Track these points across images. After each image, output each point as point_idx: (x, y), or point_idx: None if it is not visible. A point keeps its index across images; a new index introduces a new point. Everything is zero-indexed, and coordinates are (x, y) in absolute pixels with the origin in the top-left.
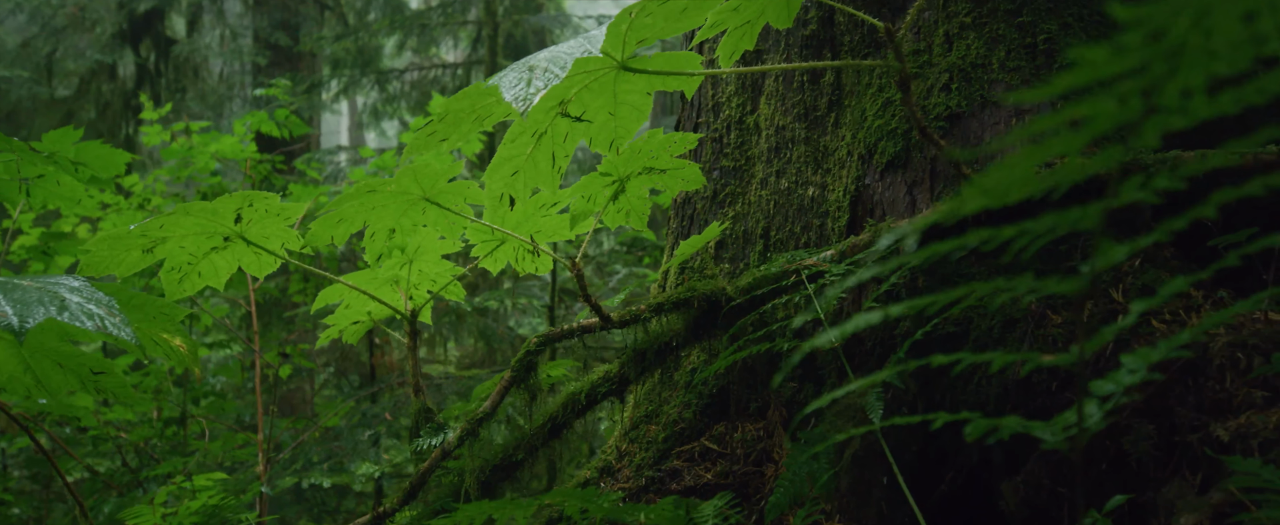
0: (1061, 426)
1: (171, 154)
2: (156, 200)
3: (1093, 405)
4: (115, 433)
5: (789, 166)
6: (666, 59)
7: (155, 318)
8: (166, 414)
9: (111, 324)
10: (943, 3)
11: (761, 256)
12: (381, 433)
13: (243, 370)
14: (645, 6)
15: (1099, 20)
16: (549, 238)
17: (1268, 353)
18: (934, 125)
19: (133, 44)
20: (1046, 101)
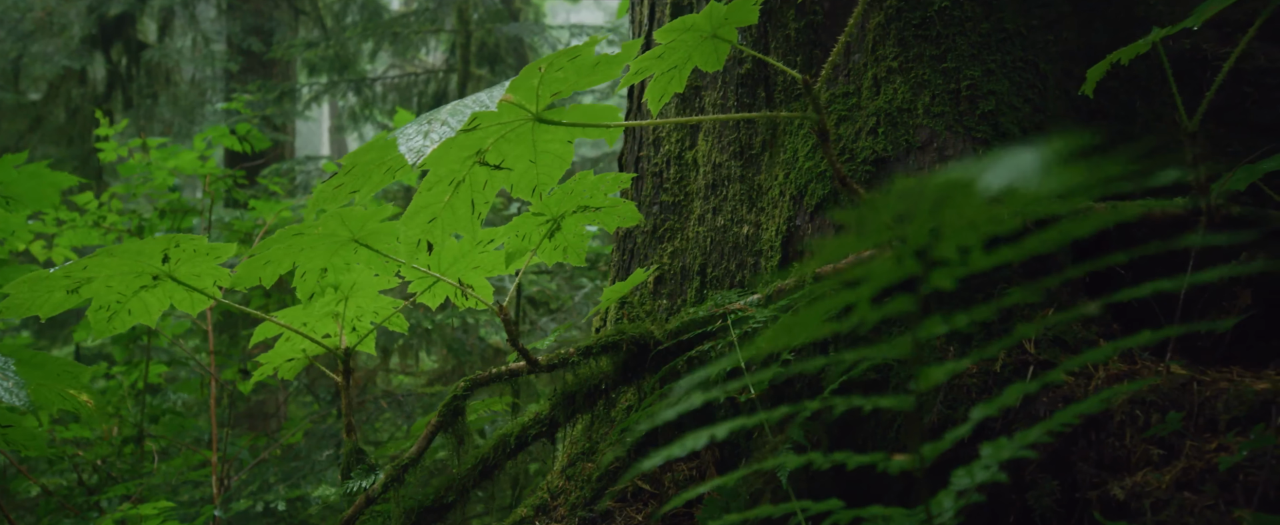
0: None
1: (129, 170)
2: (112, 217)
3: (948, 499)
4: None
5: (725, 204)
6: (584, 111)
7: (58, 376)
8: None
9: (3, 389)
10: (872, 46)
11: (699, 293)
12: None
13: (201, 388)
14: (555, 62)
15: (1022, 65)
16: (487, 273)
17: (1165, 409)
18: (861, 169)
19: (103, 48)
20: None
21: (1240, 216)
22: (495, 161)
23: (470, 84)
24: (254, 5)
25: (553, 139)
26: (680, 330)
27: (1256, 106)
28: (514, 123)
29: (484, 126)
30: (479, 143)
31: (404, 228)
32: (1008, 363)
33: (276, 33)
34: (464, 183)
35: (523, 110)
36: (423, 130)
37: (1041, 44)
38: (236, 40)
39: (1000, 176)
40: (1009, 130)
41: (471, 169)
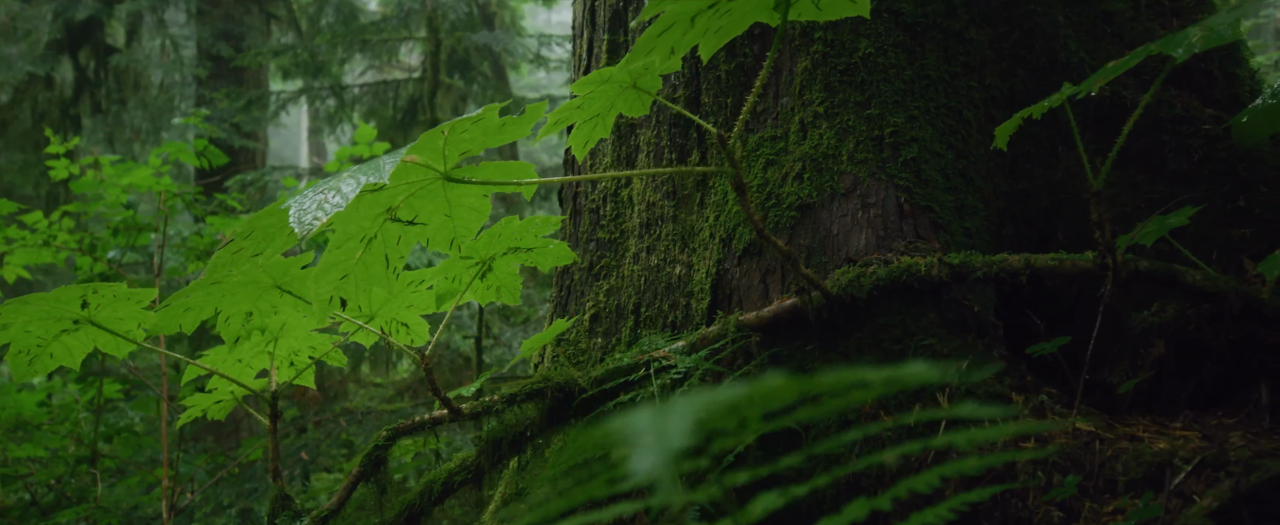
0: None
1: (82, 187)
2: (63, 236)
3: None
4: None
5: (659, 243)
6: (495, 169)
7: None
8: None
9: None
10: (799, 90)
11: (633, 333)
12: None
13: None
14: (458, 126)
15: (945, 111)
16: (423, 311)
17: (1067, 471)
18: (786, 215)
19: (71, 52)
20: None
21: (1147, 272)
22: (408, 217)
23: (440, 92)
24: (224, 10)
25: (467, 193)
26: (604, 378)
27: (1173, 154)
28: (422, 182)
29: (392, 186)
30: (389, 200)
31: (314, 285)
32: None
33: (247, 38)
34: (376, 239)
35: (431, 170)
36: (317, 201)
37: (964, 90)
38: (205, 45)
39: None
40: (931, 177)
41: (383, 225)
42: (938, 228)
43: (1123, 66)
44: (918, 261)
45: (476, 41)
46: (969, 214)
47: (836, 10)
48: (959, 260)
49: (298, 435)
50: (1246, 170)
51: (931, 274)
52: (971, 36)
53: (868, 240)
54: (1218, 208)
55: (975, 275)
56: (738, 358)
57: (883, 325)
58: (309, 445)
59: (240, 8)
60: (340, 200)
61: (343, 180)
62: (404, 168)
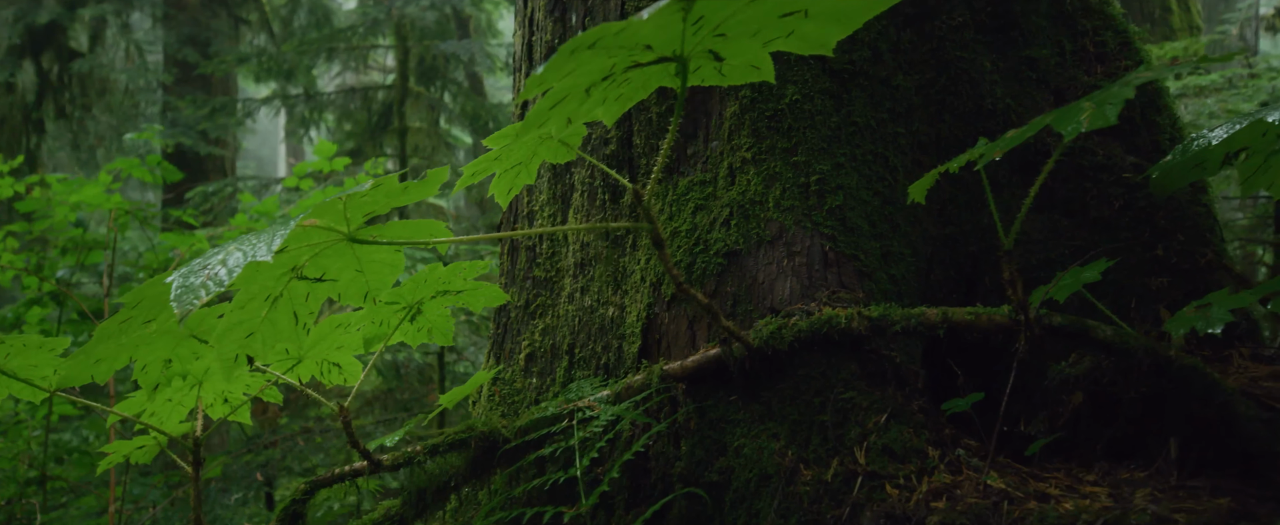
0: None
1: (28, 206)
2: (7, 257)
3: None
4: None
5: (592, 284)
6: (403, 228)
7: None
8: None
9: None
10: (728, 134)
11: (567, 373)
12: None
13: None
14: (358, 195)
15: (872, 158)
16: (354, 351)
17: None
18: (714, 262)
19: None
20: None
21: (1060, 327)
22: (315, 275)
23: (409, 100)
24: (190, 15)
25: (378, 249)
26: (528, 428)
27: (1095, 201)
28: (326, 243)
29: (294, 247)
30: (293, 260)
31: (218, 345)
32: (840, 472)
33: (214, 43)
34: (282, 297)
35: (334, 231)
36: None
37: (891, 136)
38: (171, 51)
39: None
40: (857, 224)
41: (289, 284)
42: (862, 276)
43: (1020, 137)
44: (838, 314)
45: (445, 50)
46: (895, 261)
47: (740, 76)
48: (878, 313)
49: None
50: (1165, 219)
51: (851, 327)
52: (898, 83)
53: (793, 289)
54: (1137, 256)
55: (894, 328)
56: (665, 406)
57: (804, 377)
58: (269, 464)
59: (207, 12)
60: (225, 276)
61: (230, 253)
62: (305, 231)
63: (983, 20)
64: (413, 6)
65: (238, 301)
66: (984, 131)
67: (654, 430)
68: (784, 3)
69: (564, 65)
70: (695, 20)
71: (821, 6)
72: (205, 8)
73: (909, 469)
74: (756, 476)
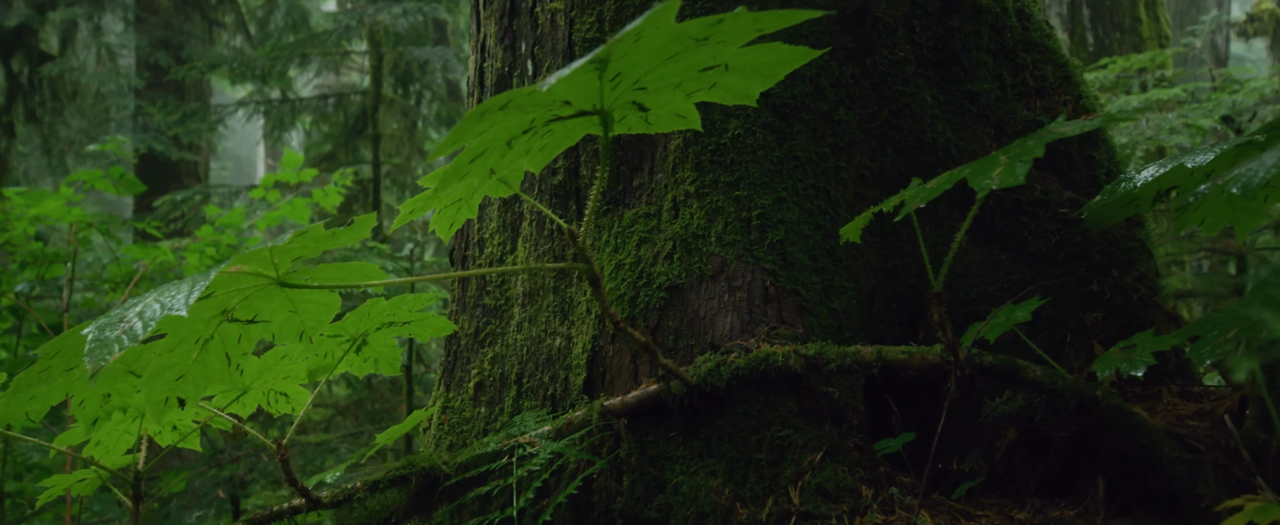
0: None
1: None
2: None
3: None
4: None
5: (540, 313)
6: (335, 272)
7: None
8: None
9: None
10: (672, 167)
11: (515, 403)
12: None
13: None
14: (284, 245)
15: (813, 192)
16: (301, 381)
17: None
18: (656, 295)
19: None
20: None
21: (991, 366)
22: (247, 317)
23: (383, 106)
24: (163, 18)
25: (313, 288)
26: (468, 464)
27: (1033, 236)
28: (254, 288)
29: (223, 292)
30: (222, 304)
31: (147, 389)
32: (774, 512)
33: (187, 46)
34: (213, 340)
35: (262, 276)
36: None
37: (833, 170)
38: (144, 54)
39: None
40: (798, 259)
41: (220, 327)
42: (802, 311)
43: (940, 188)
44: (776, 351)
45: (419, 56)
46: (836, 294)
47: (667, 124)
48: (814, 351)
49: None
50: (1100, 254)
51: (788, 365)
52: (840, 117)
53: (733, 324)
54: (1073, 291)
55: (829, 367)
56: (607, 442)
57: (743, 414)
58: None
59: (180, 15)
60: (140, 329)
61: (148, 305)
62: (231, 277)
63: (925, 55)
64: (385, 14)
65: (166, 344)
66: (926, 164)
67: (590, 471)
68: (703, 58)
69: (474, 127)
70: (612, 77)
71: (741, 61)
72: (178, 11)
73: (842, 509)
74: (694, 514)
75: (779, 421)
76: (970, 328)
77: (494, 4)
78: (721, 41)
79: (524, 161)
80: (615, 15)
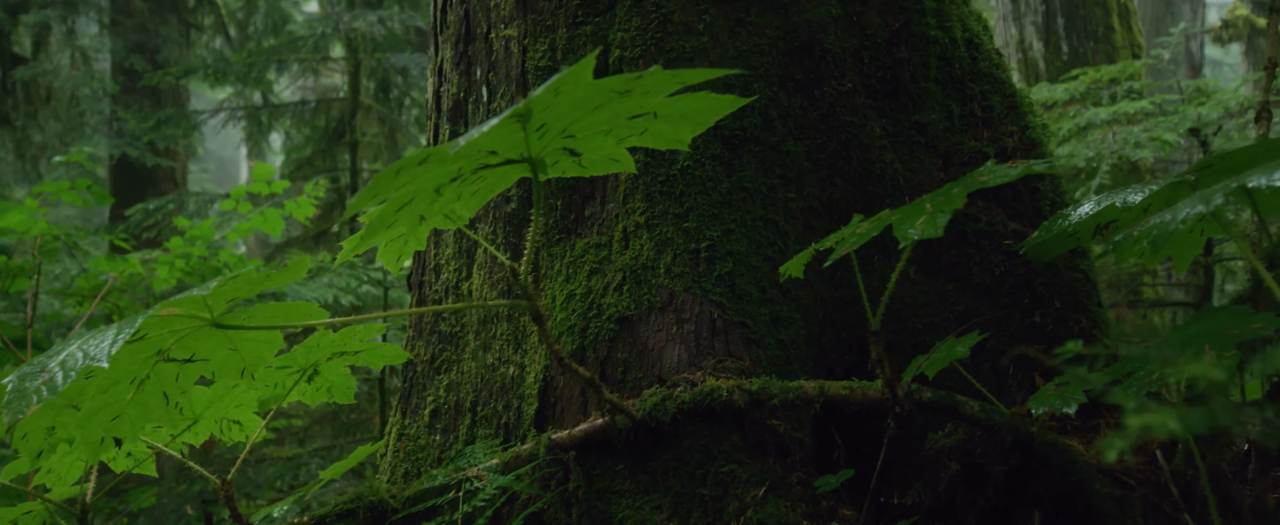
0: None
1: None
2: None
3: None
4: None
5: (494, 342)
6: (273, 312)
7: None
8: None
9: None
10: (623, 197)
11: (470, 431)
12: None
13: None
14: (223, 282)
15: (762, 224)
16: (252, 408)
17: None
18: (606, 327)
19: None
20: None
21: (930, 402)
22: (184, 356)
23: (361, 113)
24: (138, 21)
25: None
26: (417, 498)
27: (978, 267)
28: (189, 329)
29: (156, 334)
30: (157, 345)
31: (82, 431)
32: None
33: (162, 50)
34: (150, 379)
35: (197, 318)
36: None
37: (782, 201)
38: (119, 58)
39: None
40: (746, 291)
41: (156, 366)
42: (750, 343)
43: (867, 235)
44: (721, 386)
45: (397, 63)
46: (785, 325)
47: (601, 168)
48: (757, 387)
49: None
50: (1043, 285)
51: (732, 400)
52: (789, 149)
53: (681, 357)
54: (1016, 322)
55: (772, 402)
56: (557, 474)
57: (688, 448)
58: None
59: (156, 18)
60: (62, 380)
61: (70, 354)
62: (165, 320)
63: (873, 86)
64: (361, 21)
65: (100, 385)
66: (874, 195)
67: (535, 506)
68: (630, 107)
69: (391, 183)
70: (537, 128)
71: (669, 110)
72: (154, 14)
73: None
74: None
75: (723, 456)
76: (912, 362)
77: (450, 29)
78: (645, 93)
79: (457, 206)
80: (567, 44)
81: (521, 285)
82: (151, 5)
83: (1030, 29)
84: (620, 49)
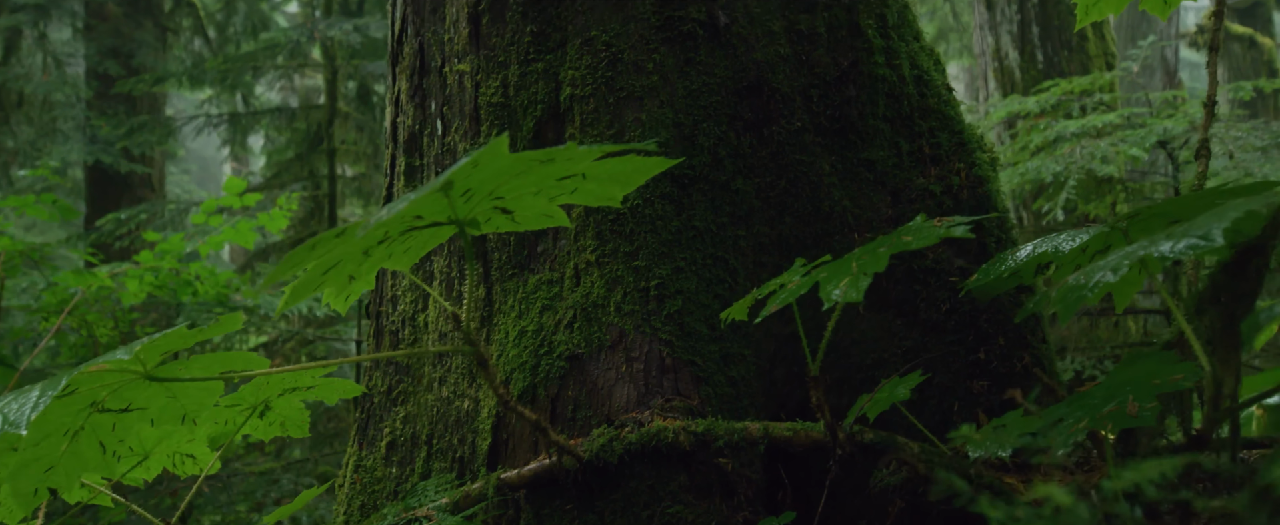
0: None
1: None
2: None
3: None
4: None
5: (449, 375)
6: (209, 363)
7: None
8: None
9: None
10: (575, 234)
11: (426, 465)
12: None
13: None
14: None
15: (711, 262)
16: (204, 442)
17: None
18: (557, 364)
19: None
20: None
21: (872, 443)
22: (120, 407)
23: (338, 121)
24: (113, 25)
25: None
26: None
27: (925, 304)
28: (122, 383)
29: (87, 388)
30: (90, 397)
31: (13, 483)
32: None
33: (137, 55)
34: (84, 430)
35: (130, 372)
36: None
37: (731, 239)
38: (93, 63)
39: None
40: (695, 329)
41: (90, 418)
42: (699, 381)
43: (798, 291)
44: (667, 427)
45: (375, 71)
46: (735, 362)
47: (534, 223)
48: (703, 428)
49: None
50: (987, 322)
51: (678, 441)
52: (738, 187)
53: (630, 396)
54: (961, 359)
55: (718, 443)
56: (506, 514)
57: (635, 489)
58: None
59: (131, 23)
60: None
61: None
62: (95, 375)
63: (822, 123)
64: (337, 29)
65: (31, 439)
66: (824, 232)
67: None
68: (558, 171)
69: (308, 256)
70: (463, 193)
71: (598, 171)
72: (128, 18)
73: None
74: None
75: (670, 497)
76: (857, 402)
77: (405, 60)
78: (569, 160)
79: (388, 263)
80: (519, 81)
81: (464, 331)
82: (126, 9)
83: (1006, 37)
84: (571, 86)
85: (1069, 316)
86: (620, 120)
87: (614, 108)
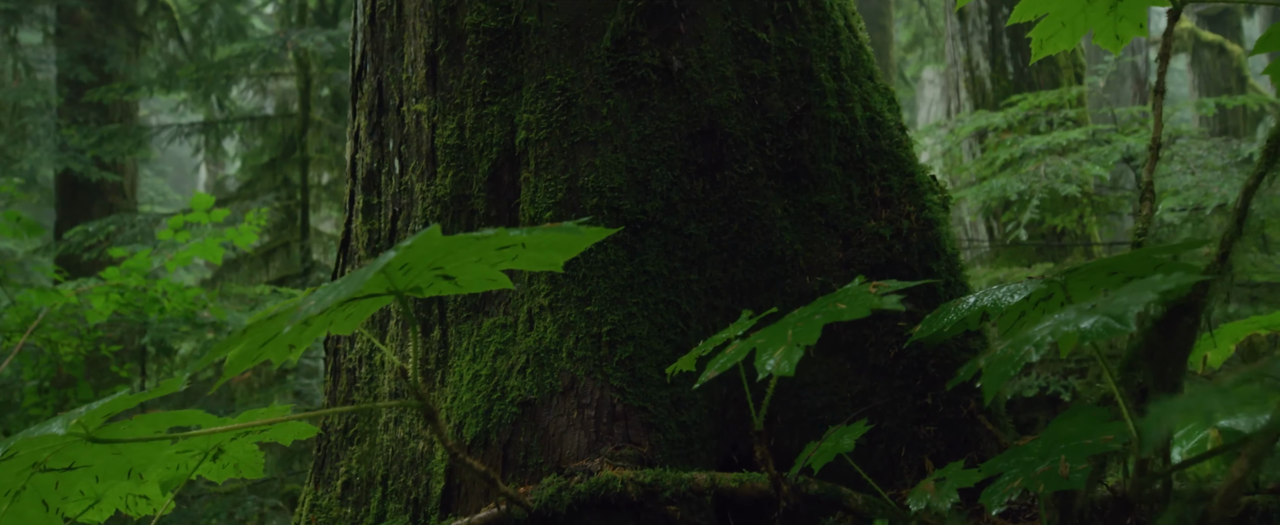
0: None
1: None
2: None
3: None
4: None
5: (405, 415)
6: (159, 419)
7: None
8: None
9: None
10: (528, 278)
11: (381, 505)
12: None
13: None
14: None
15: (664, 307)
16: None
17: None
18: (509, 410)
19: None
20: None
21: (816, 494)
22: (63, 465)
23: (311, 130)
24: (85, 31)
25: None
26: None
27: (874, 348)
28: (67, 442)
29: (24, 452)
30: (32, 458)
31: None
32: None
33: (110, 60)
34: (26, 490)
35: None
36: None
37: (684, 284)
38: (63, 69)
39: None
40: (647, 374)
41: (32, 477)
42: (649, 428)
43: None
44: (616, 477)
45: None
46: (686, 407)
47: (477, 286)
48: (651, 479)
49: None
50: (935, 367)
51: (626, 491)
52: (691, 231)
53: (581, 442)
54: (908, 404)
55: (665, 494)
56: None
57: None
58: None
59: (103, 28)
60: None
61: None
62: (35, 440)
63: (774, 168)
64: (310, 40)
65: None
66: (776, 276)
67: None
68: (497, 241)
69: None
70: (401, 267)
71: (537, 241)
72: (101, 23)
73: None
74: None
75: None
76: (804, 451)
77: (364, 97)
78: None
79: (332, 329)
80: (475, 123)
81: (412, 385)
82: (99, 14)
83: (977, 48)
84: (526, 130)
85: (994, 390)
86: (574, 165)
87: (568, 152)
